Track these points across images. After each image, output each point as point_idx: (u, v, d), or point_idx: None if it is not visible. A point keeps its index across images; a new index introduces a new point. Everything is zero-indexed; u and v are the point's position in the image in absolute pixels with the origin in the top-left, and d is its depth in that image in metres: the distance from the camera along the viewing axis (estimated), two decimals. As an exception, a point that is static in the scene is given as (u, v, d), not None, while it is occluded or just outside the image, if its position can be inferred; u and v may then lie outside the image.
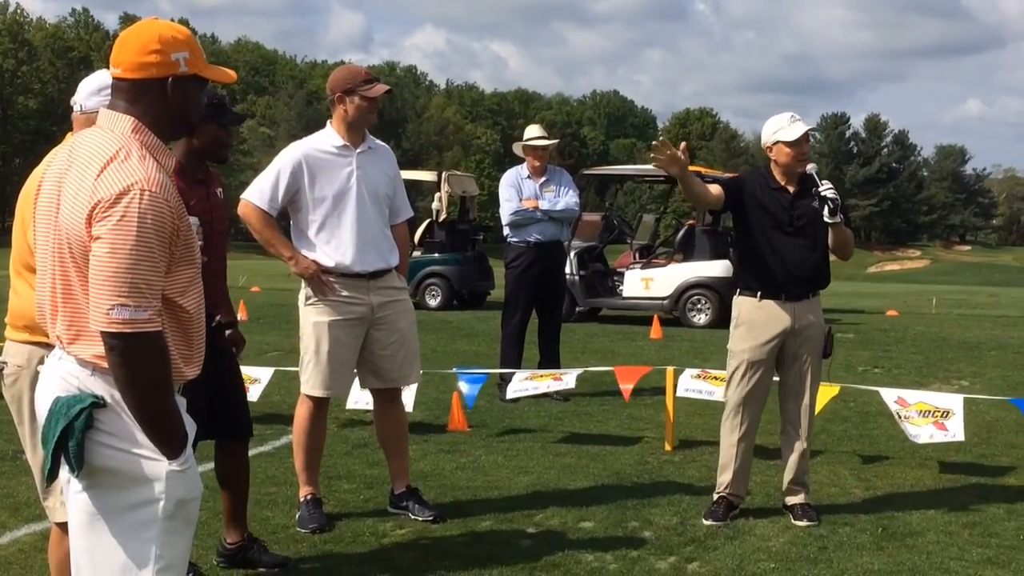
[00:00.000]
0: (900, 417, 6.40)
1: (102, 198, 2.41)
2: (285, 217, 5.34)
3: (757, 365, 5.37)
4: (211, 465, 4.68)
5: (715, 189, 5.38)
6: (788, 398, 5.46)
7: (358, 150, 5.20)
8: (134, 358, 2.41)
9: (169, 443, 2.49)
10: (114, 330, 2.39)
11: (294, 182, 5.11)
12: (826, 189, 5.22)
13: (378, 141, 5.38)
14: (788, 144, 5.29)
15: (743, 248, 5.50)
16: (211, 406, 4.30)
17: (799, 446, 5.42)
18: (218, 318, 4.42)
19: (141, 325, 2.41)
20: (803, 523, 5.28)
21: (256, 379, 7.52)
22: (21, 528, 5.05)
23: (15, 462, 6.18)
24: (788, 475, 5.45)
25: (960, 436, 6.32)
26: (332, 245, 5.13)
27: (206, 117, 4.23)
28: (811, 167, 5.33)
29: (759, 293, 5.39)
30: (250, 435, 4.68)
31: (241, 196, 5.22)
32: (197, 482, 2.61)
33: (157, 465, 2.49)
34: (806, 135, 5.32)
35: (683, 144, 5.03)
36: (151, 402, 2.46)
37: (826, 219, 5.21)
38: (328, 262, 5.13)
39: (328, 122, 5.28)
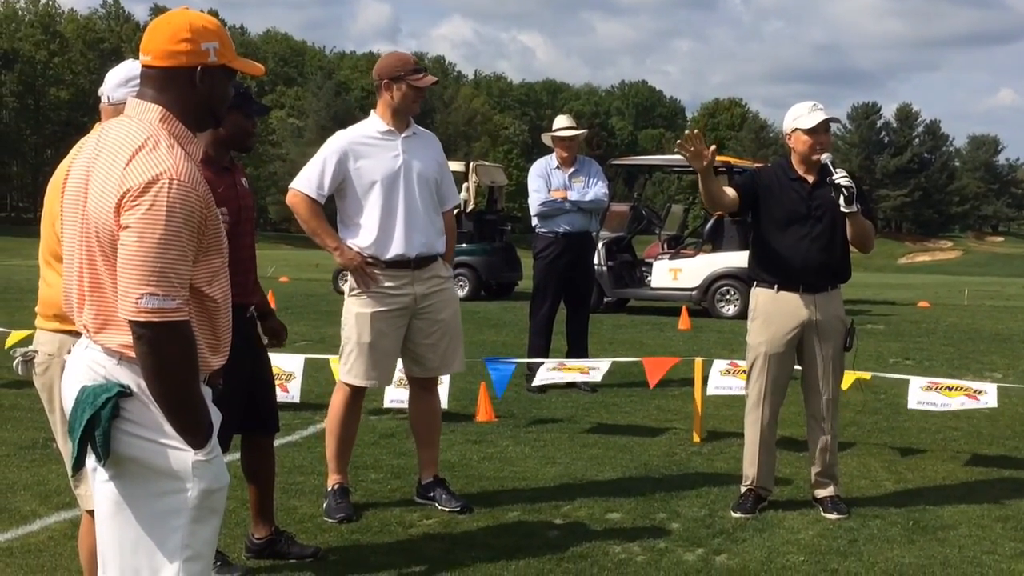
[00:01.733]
0: (929, 389, 6.40)
1: (131, 187, 2.41)
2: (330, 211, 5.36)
3: (775, 358, 5.32)
4: (237, 455, 4.69)
5: (731, 192, 5.32)
6: (810, 391, 5.41)
7: (403, 135, 5.21)
8: (162, 347, 2.41)
9: (195, 432, 2.49)
10: (143, 319, 2.39)
11: (340, 168, 5.12)
12: (840, 177, 5.11)
13: (423, 129, 5.39)
14: (806, 132, 5.23)
15: (760, 239, 5.43)
16: (241, 399, 4.31)
17: (823, 439, 5.38)
18: (252, 309, 4.42)
19: (169, 314, 2.40)
20: (833, 516, 5.23)
21: (291, 374, 7.53)
22: (51, 516, 5.08)
23: (46, 450, 6.23)
24: (815, 468, 5.41)
25: (993, 403, 6.36)
26: (380, 228, 5.12)
27: (232, 107, 4.23)
28: (826, 156, 5.22)
29: (776, 285, 5.33)
30: (277, 430, 4.68)
31: (289, 185, 5.27)
32: (223, 472, 2.60)
33: (183, 455, 2.49)
34: (825, 124, 5.23)
35: (712, 147, 5.01)
36: (178, 391, 2.46)
37: (842, 208, 5.12)
38: (374, 246, 5.12)
39: (372, 110, 5.30)
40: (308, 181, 5.16)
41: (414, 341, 5.27)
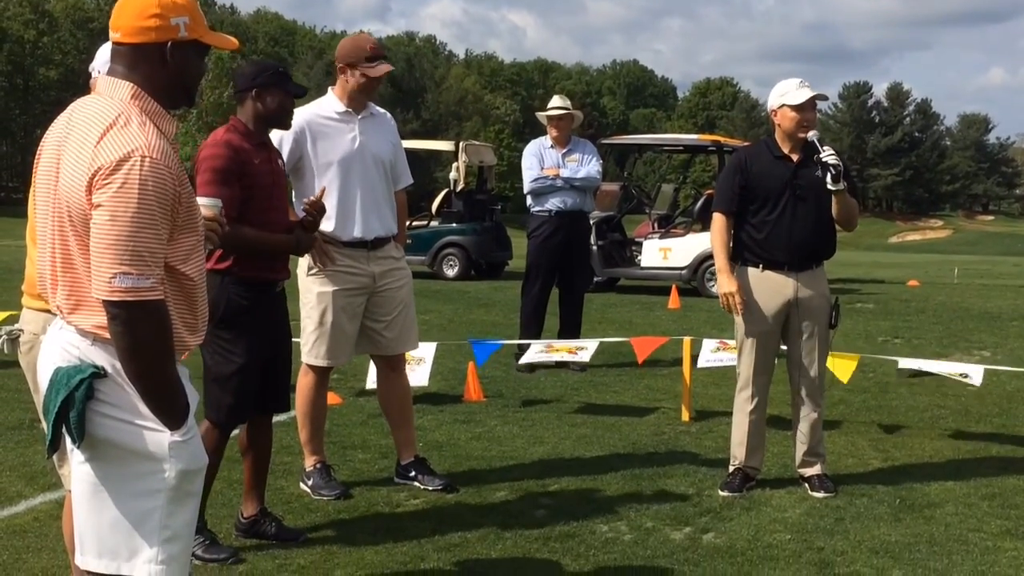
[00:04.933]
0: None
1: (102, 165, 2.37)
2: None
3: (762, 336, 5.32)
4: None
5: (726, 227, 5.37)
6: (795, 369, 5.40)
7: (360, 116, 5.18)
8: (136, 327, 2.39)
9: (171, 413, 2.47)
10: (116, 298, 2.37)
11: (297, 148, 5.08)
12: (828, 155, 5.09)
13: (380, 109, 5.35)
14: (793, 108, 5.20)
15: (745, 218, 5.40)
16: (260, 376, 4.32)
17: (810, 417, 5.38)
18: (283, 284, 4.44)
19: (144, 293, 2.38)
20: (820, 494, 5.24)
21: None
22: (37, 496, 5.07)
23: (32, 431, 6.21)
24: (801, 446, 5.41)
25: (977, 382, 6.44)
26: (336, 211, 5.09)
27: (274, 85, 4.40)
28: (812, 134, 5.18)
29: (761, 264, 5.33)
30: (285, 411, 4.68)
31: None
32: (201, 452, 2.58)
33: (159, 436, 2.47)
34: (812, 101, 5.21)
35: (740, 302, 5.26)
36: (153, 372, 2.44)
37: (829, 186, 5.09)
38: (331, 228, 5.09)
39: (330, 88, 5.25)
40: None
41: (372, 319, 5.26)
